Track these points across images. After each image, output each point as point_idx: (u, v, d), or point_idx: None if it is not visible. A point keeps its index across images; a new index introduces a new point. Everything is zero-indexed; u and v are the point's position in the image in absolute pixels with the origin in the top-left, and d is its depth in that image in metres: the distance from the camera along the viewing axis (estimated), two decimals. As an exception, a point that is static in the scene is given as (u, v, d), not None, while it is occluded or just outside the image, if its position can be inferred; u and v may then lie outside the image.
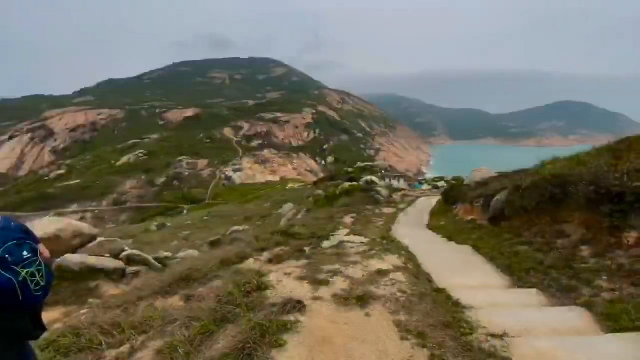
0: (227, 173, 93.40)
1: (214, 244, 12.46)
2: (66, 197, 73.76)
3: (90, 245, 11.53)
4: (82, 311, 6.15)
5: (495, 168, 16.24)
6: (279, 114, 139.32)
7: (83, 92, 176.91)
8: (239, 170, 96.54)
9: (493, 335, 2.97)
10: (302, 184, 70.42)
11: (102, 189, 77.63)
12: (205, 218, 41.48)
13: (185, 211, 65.73)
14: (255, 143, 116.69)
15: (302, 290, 3.79)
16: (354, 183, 20.82)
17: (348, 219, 10.94)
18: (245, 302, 3.33)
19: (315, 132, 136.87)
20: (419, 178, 58.79)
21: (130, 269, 10.86)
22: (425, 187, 34.92)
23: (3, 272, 1.99)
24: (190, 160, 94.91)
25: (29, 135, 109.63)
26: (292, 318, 2.96)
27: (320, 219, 10.38)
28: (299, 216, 16.72)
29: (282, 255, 5.19)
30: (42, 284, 2.22)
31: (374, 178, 31.94)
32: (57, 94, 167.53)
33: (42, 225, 11.27)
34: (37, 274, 2.15)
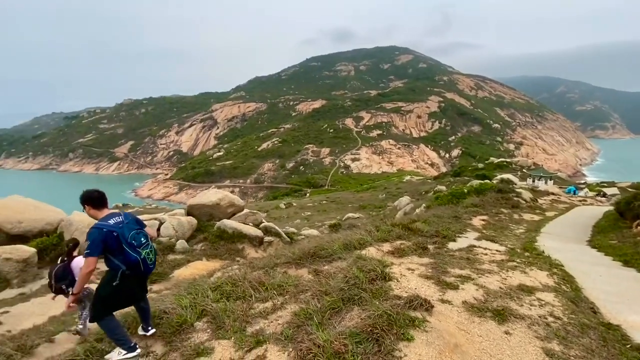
0: (345, 162, 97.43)
1: (333, 227, 13.30)
2: (222, 173, 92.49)
3: (239, 214, 14.15)
4: (234, 266, 7.63)
5: None
6: (401, 104, 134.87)
7: (237, 88, 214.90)
8: (357, 159, 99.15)
9: None
10: (421, 177, 66.75)
11: (247, 169, 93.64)
12: (324, 202, 44.65)
13: (307, 194, 72.41)
14: (374, 133, 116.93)
15: (427, 290, 3.63)
16: (487, 181, 18.33)
17: (477, 221, 9.77)
18: (370, 288, 3.44)
19: (440, 122, 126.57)
20: (578, 182, 46.87)
21: (266, 238, 12.81)
22: (584, 193, 27.60)
23: (132, 253, 3.08)
24: (315, 148, 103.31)
25: (202, 124, 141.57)
26: (419, 315, 2.88)
27: (444, 218, 9.61)
28: (417, 211, 15.96)
29: (404, 250, 5.08)
30: (153, 260, 3.33)
31: (511, 177, 27.32)
32: (220, 90, 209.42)
33: (209, 195, 14.46)
34: (150, 254, 3.27)
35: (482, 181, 18.77)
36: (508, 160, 61.85)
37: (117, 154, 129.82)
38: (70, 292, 3.24)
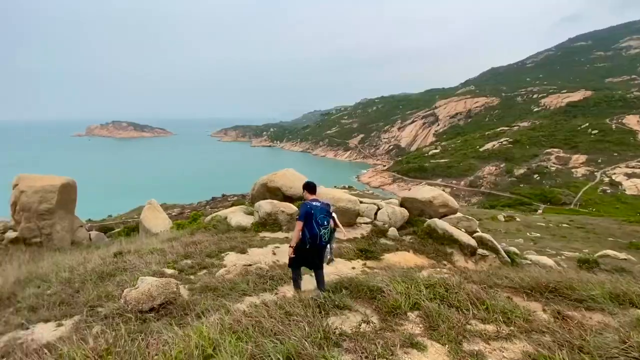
0: (613, 176, 69.43)
1: (583, 263, 9.87)
2: (435, 171, 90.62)
3: (451, 216, 13.32)
4: (444, 270, 7.26)
5: None
6: None
7: (467, 82, 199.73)
8: (637, 175, 68.09)
9: None
10: None
11: (463, 170, 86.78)
12: (564, 225, 34.47)
13: (539, 210, 58.15)
14: (684, 139, 75.62)
15: None
16: None
17: None
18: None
19: None
20: None
21: (480, 251, 11.41)
22: None
23: (315, 227, 4.41)
24: (562, 154, 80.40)
25: (422, 120, 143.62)
26: None
27: None
28: None
29: None
30: (326, 239, 4.58)
31: None
32: (446, 86, 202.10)
33: (422, 191, 14.47)
34: (326, 234, 4.53)
35: None
36: None
37: (350, 145, 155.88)
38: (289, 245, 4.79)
